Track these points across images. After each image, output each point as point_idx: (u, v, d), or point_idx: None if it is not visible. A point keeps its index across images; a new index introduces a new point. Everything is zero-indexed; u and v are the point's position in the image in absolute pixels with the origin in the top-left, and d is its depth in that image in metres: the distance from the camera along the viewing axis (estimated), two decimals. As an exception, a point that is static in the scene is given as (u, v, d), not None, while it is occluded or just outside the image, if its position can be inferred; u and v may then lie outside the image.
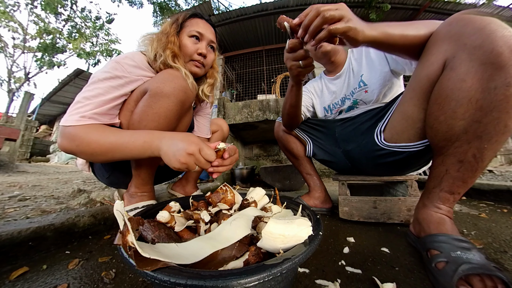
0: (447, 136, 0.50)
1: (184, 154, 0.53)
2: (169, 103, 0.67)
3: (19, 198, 1.09)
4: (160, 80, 0.67)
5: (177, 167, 0.54)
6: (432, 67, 0.53)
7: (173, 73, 0.70)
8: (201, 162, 0.55)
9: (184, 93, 0.70)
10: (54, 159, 6.80)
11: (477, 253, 0.44)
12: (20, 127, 3.66)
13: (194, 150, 0.53)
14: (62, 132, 0.61)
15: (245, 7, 4.46)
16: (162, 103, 0.66)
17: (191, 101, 0.75)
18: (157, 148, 0.57)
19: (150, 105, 0.66)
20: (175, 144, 0.55)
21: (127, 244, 0.32)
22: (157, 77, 0.69)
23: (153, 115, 0.66)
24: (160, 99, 0.66)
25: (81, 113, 0.60)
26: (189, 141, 0.55)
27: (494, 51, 0.42)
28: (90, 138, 0.59)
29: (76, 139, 0.59)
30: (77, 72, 7.92)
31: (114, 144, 0.60)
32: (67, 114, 0.62)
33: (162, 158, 0.57)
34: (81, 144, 0.59)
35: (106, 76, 0.65)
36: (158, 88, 0.66)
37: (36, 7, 8.90)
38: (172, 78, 0.68)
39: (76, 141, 0.59)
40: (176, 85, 0.68)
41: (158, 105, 0.66)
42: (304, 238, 0.35)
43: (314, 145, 1.04)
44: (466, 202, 1.18)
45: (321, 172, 2.82)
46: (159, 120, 0.67)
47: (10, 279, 0.47)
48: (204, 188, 1.48)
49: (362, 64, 0.92)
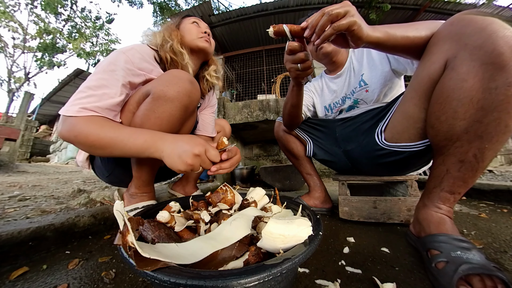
0: (448, 136, 0.50)
1: (191, 156, 0.52)
2: (173, 108, 0.65)
3: (19, 198, 1.09)
4: (164, 83, 0.65)
5: (182, 169, 0.53)
6: (433, 66, 0.53)
7: (178, 75, 0.67)
8: (206, 163, 0.54)
9: (188, 97, 0.67)
10: (54, 159, 6.80)
11: (477, 253, 0.44)
12: (20, 127, 3.66)
13: (201, 151, 0.53)
14: (62, 120, 0.60)
15: (245, 7, 4.46)
16: (165, 107, 0.64)
17: (195, 105, 0.74)
18: (159, 150, 0.56)
19: (153, 109, 0.64)
20: (180, 146, 0.54)
21: (127, 244, 0.32)
22: (161, 79, 0.67)
23: (155, 120, 0.64)
24: (163, 104, 0.64)
25: (83, 104, 0.59)
26: (194, 142, 0.54)
27: (495, 51, 0.42)
28: (89, 130, 0.58)
29: (74, 130, 0.58)
30: (77, 72, 7.92)
31: (113, 139, 0.58)
32: (68, 103, 0.61)
33: (164, 160, 0.55)
34: (79, 135, 0.58)
35: (111, 67, 0.65)
36: (161, 91, 0.63)
37: (36, 7, 8.91)
38: (177, 80, 0.66)
39: (74, 132, 0.58)
40: (181, 88, 0.65)
41: (161, 109, 0.64)
42: (304, 238, 0.35)
43: (314, 145, 1.04)
44: (466, 202, 1.18)
45: (321, 172, 2.82)
46: (161, 125, 0.65)
47: (10, 279, 0.47)
48: (204, 188, 1.48)
49: (363, 63, 0.92)
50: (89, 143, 0.58)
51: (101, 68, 0.65)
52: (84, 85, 0.62)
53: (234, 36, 5.04)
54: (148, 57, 0.73)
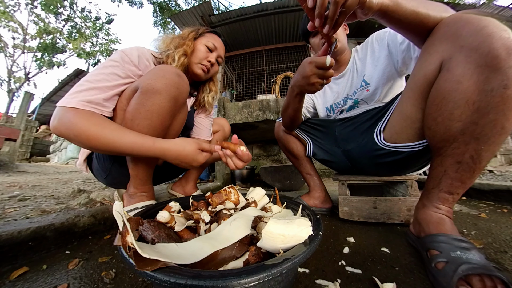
0: (445, 137, 0.50)
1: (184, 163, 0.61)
2: (162, 100, 0.66)
3: (19, 198, 1.09)
4: (151, 77, 0.66)
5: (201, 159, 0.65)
6: (429, 67, 0.53)
7: (164, 68, 0.68)
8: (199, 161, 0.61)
9: (176, 88, 0.68)
10: (54, 159, 6.80)
11: (477, 253, 0.44)
12: (20, 127, 3.66)
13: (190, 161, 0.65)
14: (60, 115, 0.58)
15: (245, 7, 4.46)
16: (154, 100, 0.65)
17: (184, 97, 0.74)
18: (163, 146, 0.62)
19: (142, 102, 0.65)
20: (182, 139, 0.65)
21: (126, 245, 0.32)
22: (148, 73, 0.68)
23: (146, 113, 0.65)
24: (151, 96, 0.64)
25: (84, 96, 0.60)
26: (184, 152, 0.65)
27: (491, 53, 0.42)
28: (90, 131, 0.58)
29: (75, 129, 0.57)
30: (77, 72, 7.92)
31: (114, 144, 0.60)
32: (67, 95, 0.61)
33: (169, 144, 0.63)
34: (80, 135, 0.58)
35: (111, 63, 0.68)
36: (149, 84, 0.64)
37: (36, 7, 8.90)
38: (163, 73, 0.66)
39: (74, 131, 0.57)
40: (168, 80, 0.66)
41: (150, 102, 0.64)
42: (304, 238, 0.35)
43: (314, 145, 1.04)
44: (466, 202, 1.18)
45: (321, 172, 2.82)
46: (151, 117, 0.66)
47: (10, 279, 0.47)
48: (204, 188, 1.48)
49: (366, 63, 0.92)
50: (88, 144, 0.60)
51: (102, 65, 0.68)
52: (84, 79, 0.65)
53: (234, 36, 5.04)
54: (148, 56, 0.76)
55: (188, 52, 0.84)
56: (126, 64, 0.70)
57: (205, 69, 0.89)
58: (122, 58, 0.70)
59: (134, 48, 0.74)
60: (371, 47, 0.91)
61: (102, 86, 0.64)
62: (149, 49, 0.81)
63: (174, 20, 4.79)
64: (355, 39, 4.78)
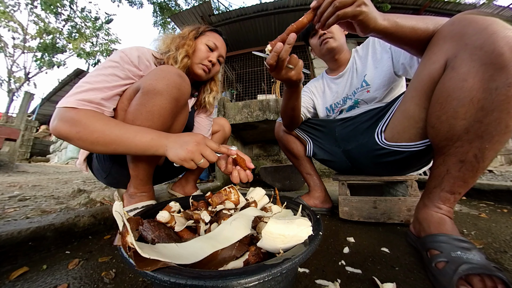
0: (449, 136, 0.50)
1: (192, 143, 0.56)
2: (163, 101, 0.65)
3: (19, 198, 1.09)
4: (153, 77, 0.65)
5: (183, 154, 0.55)
6: (434, 66, 0.53)
7: (166, 69, 0.68)
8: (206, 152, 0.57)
9: (177, 89, 0.67)
10: (54, 159, 6.80)
11: (477, 253, 0.44)
12: (20, 127, 3.66)
13: (201, 140, 0.57)
14: (61, 115, 0.58)
15: (245, 7, 4.46)
16: (156, 101, 0.64)
17: (186, 98, 0.74)
18: (163, 146, 0.58)
19: (143, 103, 0.64)
20: (182, 138, 0.58)
21: (126, 245, 0.32)
22: (150, 74, 0.68)
23: (147, 114, 0.64)
24: (153, 97, 0.64)
25: (84, 96, 0.59)
26: (195, 134, 0.60)
27: (495, 52, 0.42)
28: (94, 126, 0.57)
29: (78, 125, 0.57)
30: (77, 72, 7.92)
31: (119, 137, 0.59)
32: (66, 96, 0.60)
33: (167, 153, 0.58)
34: (83, 131, 0.57)
35: (111, 64, 0.67)
36: (150, 85, 0.64)
37: (36, 7, 8.91)
38: (165, 74, 0.66)
39: (78, 127, 0.57)
40: (169, 81, 0.65)
41: (151, 103, 0.64)
42: (304, 238, 0.35)
43: (314, 145, 1.04)
44: (466, 202, 1.18)
45: (321, 172, 2.82)
46: (153, 118, 0.65)
47: (10, 279, 0.47)
48: (204, 188, 1.48)
49: (367, 63, 0.91)
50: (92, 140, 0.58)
51: (101, 66, 0.67)
52: (84, 80, 0.64)
53: (234, 36, 5.04)
54: (148, 57, 0.76)
55: (190, 53, 0.83)
56: (125, 65, 0.69)
57: (206, 69, 0.88)
58: (121, 58, 0.69)
59: (134, 48, 0.73)
60: (373, 47, 0.91)
61: (101, 87, 0.64)
62: (150, 49, 0.80)
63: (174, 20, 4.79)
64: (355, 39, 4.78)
